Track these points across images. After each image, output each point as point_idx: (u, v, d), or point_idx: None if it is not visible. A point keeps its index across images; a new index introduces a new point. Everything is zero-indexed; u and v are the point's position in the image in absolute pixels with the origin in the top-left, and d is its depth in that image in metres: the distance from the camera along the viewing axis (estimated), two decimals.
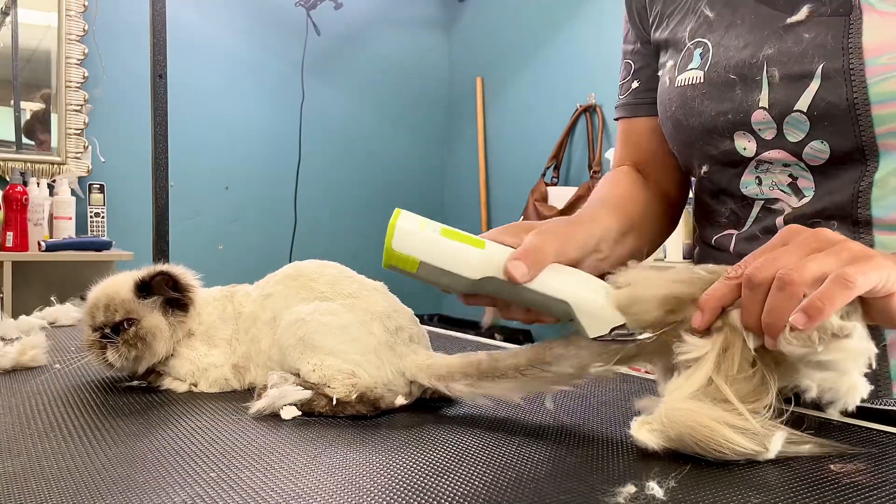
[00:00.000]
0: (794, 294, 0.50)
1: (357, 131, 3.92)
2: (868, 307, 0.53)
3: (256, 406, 0.65)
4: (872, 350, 0.52)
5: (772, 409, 0.53)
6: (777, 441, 0.52)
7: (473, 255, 0.57)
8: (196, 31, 3.42)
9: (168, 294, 0.75)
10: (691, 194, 0.91)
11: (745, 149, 0.73)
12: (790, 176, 0.72)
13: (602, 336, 0.57)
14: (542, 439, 0.59)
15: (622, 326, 0.57)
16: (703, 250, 0.85)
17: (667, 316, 0.56)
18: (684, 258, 2.44)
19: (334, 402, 0.64)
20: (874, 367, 0.65)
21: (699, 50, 0.76)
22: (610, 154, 2.86)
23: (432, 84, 4.14)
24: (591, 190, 0.76)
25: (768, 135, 0.71)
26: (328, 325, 0.68)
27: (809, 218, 0.70)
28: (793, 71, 0.68)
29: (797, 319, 0.49)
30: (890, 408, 0.69)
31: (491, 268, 0.57)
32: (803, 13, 0.69)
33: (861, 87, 0.65)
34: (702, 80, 0.75)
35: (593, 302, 0.57)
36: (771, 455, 0.52)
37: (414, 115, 4.08)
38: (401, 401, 0.67)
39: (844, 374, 0.51)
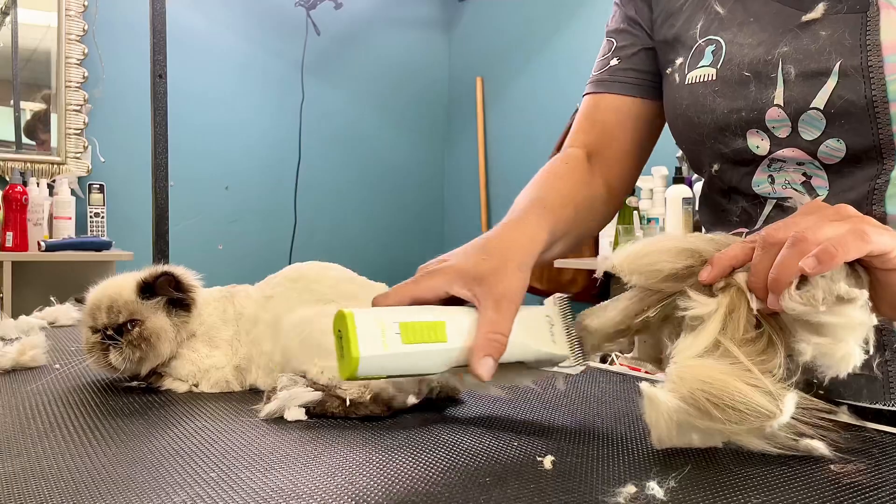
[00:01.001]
0: (805, 251, 0.50)
1: (357, 131, 3.92)
2: (880, 286, 0.53)
3: (267, 409, 0.64)
4: (872, 322, 0.52)
5: (781, 371, 0.53)
6: (790, 402, 0.51)
7: (436, 353, 0.55)
8: (196, 31, 3.42)
9: (171, 294, 0.75)
10: (698, 191, 0.90)
11: (757, 147, 0.72)
12: (804, 174, 0.71)
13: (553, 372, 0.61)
14: (543, 439, 0.59)
15: (568, 362, 0.60)
16: None
17: (683, 270, 0.56)
18: None
19: (347, 402, 0.63)
20: (875, 358, 0.65)
21: (711, 47, 0.75)
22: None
23: (432, 84, 4.14)
24: None
25: (782, 133, 0.70)
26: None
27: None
28: (809, 68, 0.67)
29: (807, 263, 0.49)
30: None
31: (455, 359, 0.55)
32: (819, 10, 0.68)
33: (880, 85, 0.64)
34: (714, 78, 0.74)
35: (542, 353, 0.59)
36: (785, 417, 0.50)
37: (414, 115, 4.08)
38: (412, 400, 0.66)
39: (841, 342, 0.51)
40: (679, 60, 0.79)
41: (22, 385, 0.77)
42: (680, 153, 2.67)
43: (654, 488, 0.46)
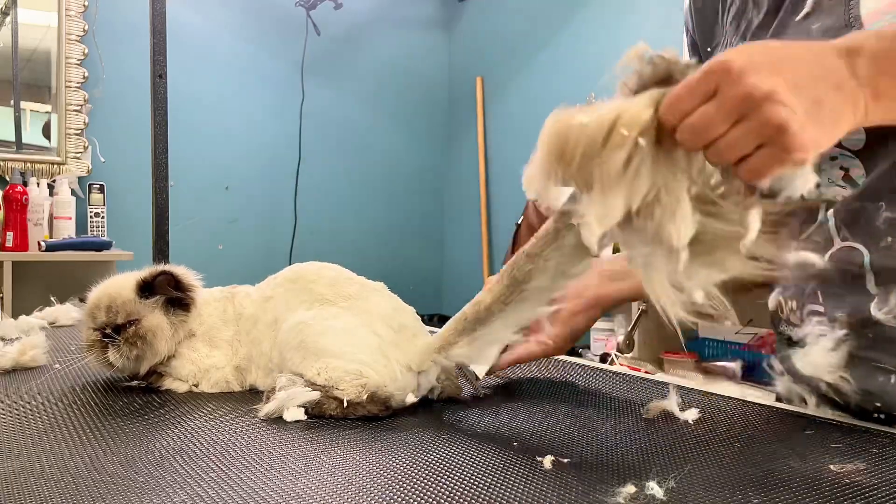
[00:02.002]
0: (783, 159, 0.49)
1: (357, 131, 3.92)
2: None
3: (265, 409, 0.64)
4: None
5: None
6: (755, 217, 0.50)
7: None
8: (196, 32, 3.42)
9: (171, 294, 0.75)
10: None
11: None
12: (841, 168, 0.70)
13: None
14: (543, 439, 0.59)
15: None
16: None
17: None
18: None
19: (345, 403, 0.63)
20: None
21: None
22: None
23: (432, 84, 4.14)
24: None
25: None
26: (330, 329, 0.67)
27: (856, 200, 0.68)
28: None
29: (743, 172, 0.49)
30: None
31: None
32: (809, 4, 0.69)
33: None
34: None
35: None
36: (752, 235, 0.50)
37: (414, 115, 4.08)
38: (411, 398, 0.66)
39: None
40: None
41: (22, 385, 0.77)
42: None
43: (654, 488, 0.46)
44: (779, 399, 0.83)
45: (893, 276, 0.65)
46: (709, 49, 0.86)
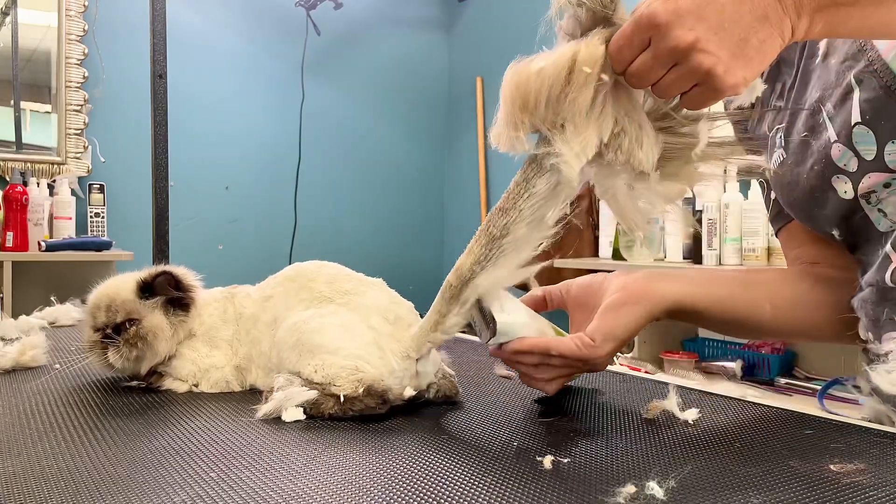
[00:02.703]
0: (708, 98, 0.55)
1: (357, 131, 3.92)
2: None
3: (263, 410, 0.64)
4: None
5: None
6: (705, 130, 0.58)
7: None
8: (196, 31, 3.42)
9: (171, 294, 0.76)
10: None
11: (845, 192, 0.72)
12: None
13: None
14: (543, 439, 0.59)
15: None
16: (880, 293, 0.74)
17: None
18: (684, 258, 2.44)
19: (342, 399, 0.63)
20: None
21: (780, 134, 0.80)
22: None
23: (432, 84, 4.14)
24: (591, 190, 0.75)
25: (853, 165, 0.71)
26: (325, 325, 0.68)
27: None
28: (837, 96, 0.70)
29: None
30: None
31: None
32: (823, 46, 0.73)
33: (885, 70, 0.66)
34: (784, 156, 0.78)
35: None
36: (703, 143, 0.58)
37: (414, 115, 4.08)
38: (409, 392, 0.66)
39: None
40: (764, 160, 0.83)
41: (22, 385, 0.77)
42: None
43: (654, 488, 0.46)
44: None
45: None
46: None
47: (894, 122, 0.67)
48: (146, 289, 0.76)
